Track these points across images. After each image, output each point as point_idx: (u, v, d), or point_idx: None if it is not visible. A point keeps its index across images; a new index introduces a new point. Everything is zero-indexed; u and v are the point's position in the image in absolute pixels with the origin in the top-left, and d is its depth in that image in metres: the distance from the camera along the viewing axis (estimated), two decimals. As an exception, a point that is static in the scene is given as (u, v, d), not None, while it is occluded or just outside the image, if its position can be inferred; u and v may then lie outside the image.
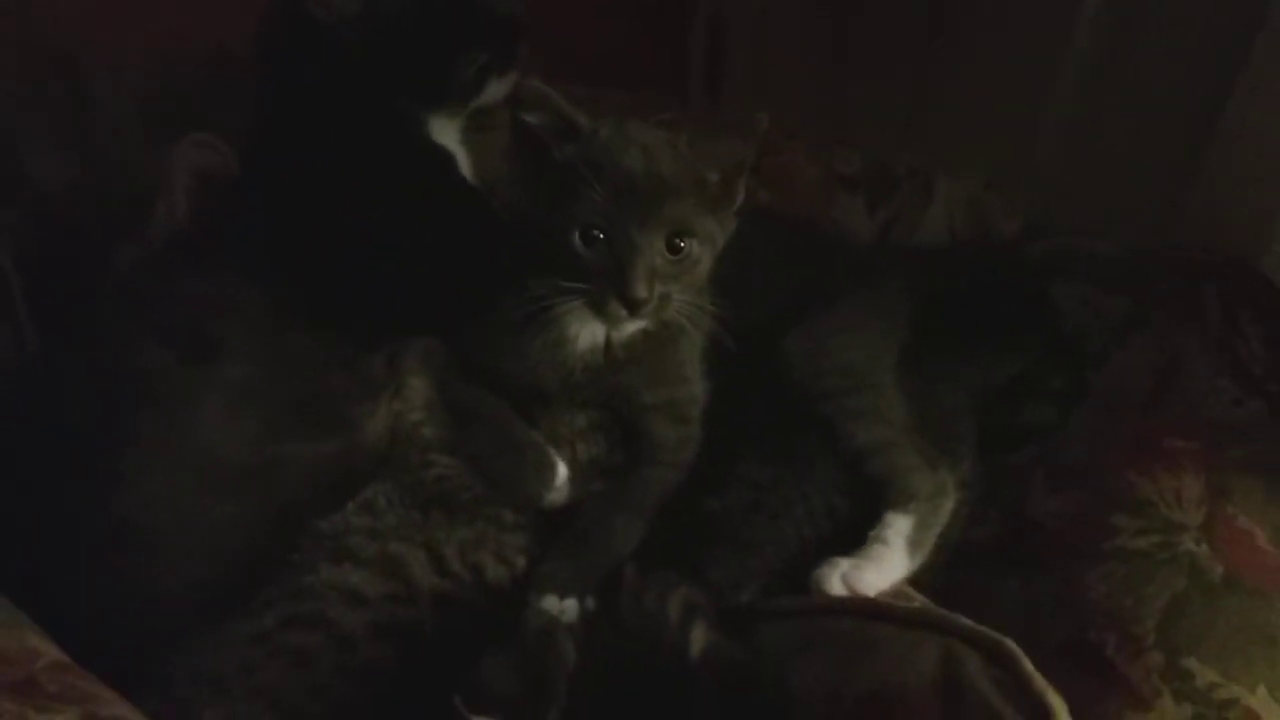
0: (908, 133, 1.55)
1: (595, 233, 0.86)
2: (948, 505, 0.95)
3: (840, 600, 0.85)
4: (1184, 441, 0.99)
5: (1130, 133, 1.30)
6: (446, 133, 1.09)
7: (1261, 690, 0.84)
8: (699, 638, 0.80)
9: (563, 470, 0.93)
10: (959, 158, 1.32)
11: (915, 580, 0.93)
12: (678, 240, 0.87)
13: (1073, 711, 0.82)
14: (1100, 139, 1.33)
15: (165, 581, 0.85)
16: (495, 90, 1.08)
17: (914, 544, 0.92)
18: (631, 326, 0.93)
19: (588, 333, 0.95)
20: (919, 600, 0.89)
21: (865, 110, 1.59)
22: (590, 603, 0.85)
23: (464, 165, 1.10)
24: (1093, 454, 1.01)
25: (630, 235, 0.86)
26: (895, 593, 0.89)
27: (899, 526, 0.92)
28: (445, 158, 1.07)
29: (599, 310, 0.87)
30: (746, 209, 0.99)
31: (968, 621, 0.78)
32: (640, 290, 0.84)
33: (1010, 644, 0.74)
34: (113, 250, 1.14)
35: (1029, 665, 0.73)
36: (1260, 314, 1.09)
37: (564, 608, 0.84)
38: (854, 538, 0.93)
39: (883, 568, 0.90)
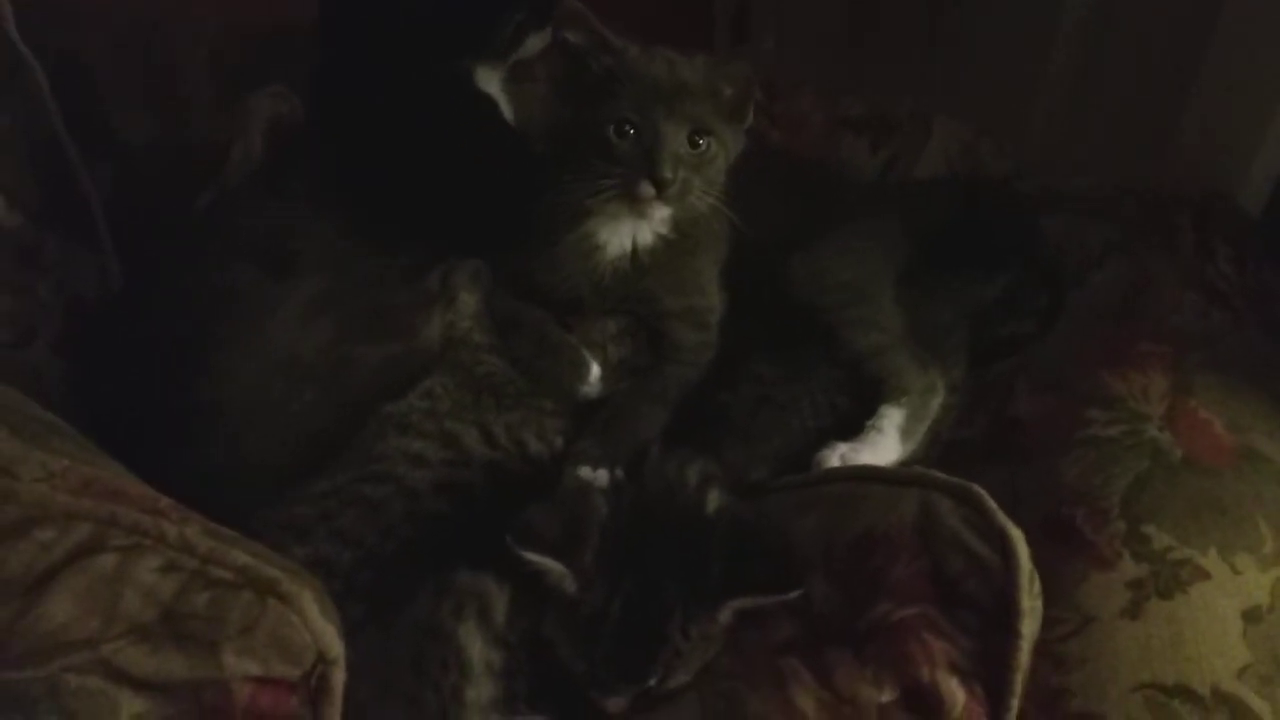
0: (918, 90, 1.65)
1: (627, 126, 0.99)
2: (936, 401, 1.07)
3: (837, 469, 0.97)
4: (1153, 345, 1.09)
5: (1121, 83, 1.41)
6: (490, 81, 1.22)
7: (1212, 552, 0.94)
8: (713, 499, 0.92)
9: (596, 369, 1.05)
10: (966, 107, 1.44)
11: (910, 466, 1.05)
12: (697, 137, 1.00)
13: (1045, 570, 0.93)
14: (1095, 89, 1.44)
15: (253, 456, 0.98)
16: (532, 44, 1.21)
17: (905, 433, 1.03)
18: (657, 214, 1.04)
19: (616, 240, 1.07)
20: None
21: (880, 75, 1.71)
22: (619, 473, 0.97)
23: (505, 109, 1.23)
24: (1070, 360, 1.11)
25: (657, 126, 0.98)
26: (890, 475, 1.01)
27: (893, 417, 1.04)
28: (488, 102, 1.20)
29: (630, 192, 0.99)
30: (760, 147, 1.12)
31: (941, 475, 0.89)
32: (666, 171, 0.97)
33: (977, 488, 0.85)
34: (191, 199, 1.28)
35: (992, 504, 0.84)
36: (1230, 238, 1.19)
37: (597, 476, 0.96)
38: (854, 430, 1.05)
39: (877, 451, 1.01)
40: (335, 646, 0.69)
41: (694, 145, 1.00)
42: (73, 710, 0.64)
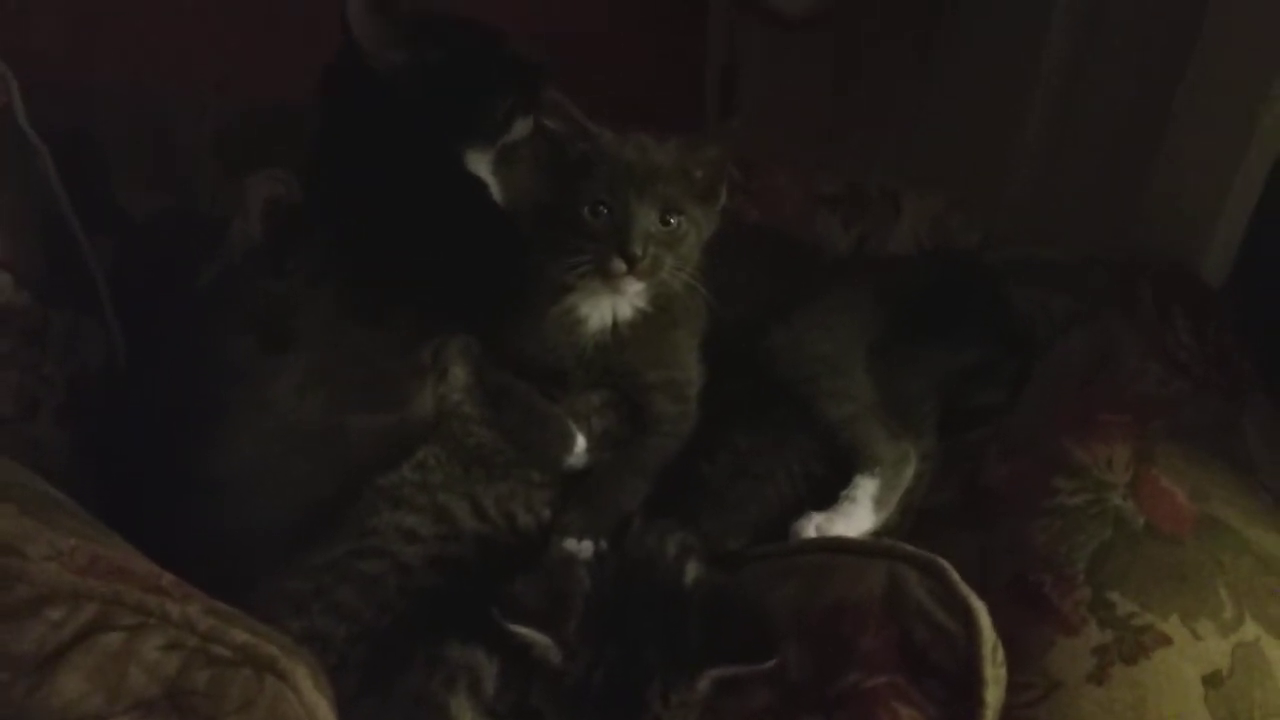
0: (898, 159, 1.72)
1: (601, 206, 1.05)
2: (909, 471, 1.11)
3: (810, 540, 1.01)
4: (1115, 415, 1.13)
5: (1092, 153, 1.47)
6: (480, 164, 1.26)
7: (1174, 618, 0.97)
8: (691, 570, 0.96)
9: (581, 440, 1.09)
10: (943, 177, 1.50)
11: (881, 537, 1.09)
12: (668, 216, 1.06)
13: (1013, 636, 0.96)
14: (1064, 160, 1.50)
15: (253, 526, 1.02)
16: (520, 128, 1.26)
17: (879, 502, 1.07)
18: (631, 288, 1.09)
19: (597, 314, 1.12)
20: (882, 543, 1.05)
21: (861, 142, 1.77)
22: (603, 544, 1.01)
23: (494, 191, 1.28)
24: (1036, 428, 1.15)
25: (629, 206, 1.04)
26: (862, 543, 1.05)
27: (866, 487, 1.08)
28: (478, 185, 1.25)
29: (603, 268, 1.04)
30: (738, 223, 1.17)
31: (908, 547, 0.93)
32: (636, 247, 1.03)
33: (941, 561, 0.89)
34: (196, 268, 1.33)
35: (955, 576, 0.88)
36: (1189, 309, 1.24)
37: (581, 548, 1.00)
38: (829, 499, 1.09)
39: (851, 521, 1.05)
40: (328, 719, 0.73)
41: (665, 224, 1.06)
42: (81, 784, 0.68)
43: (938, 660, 0.85)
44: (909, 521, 1.13)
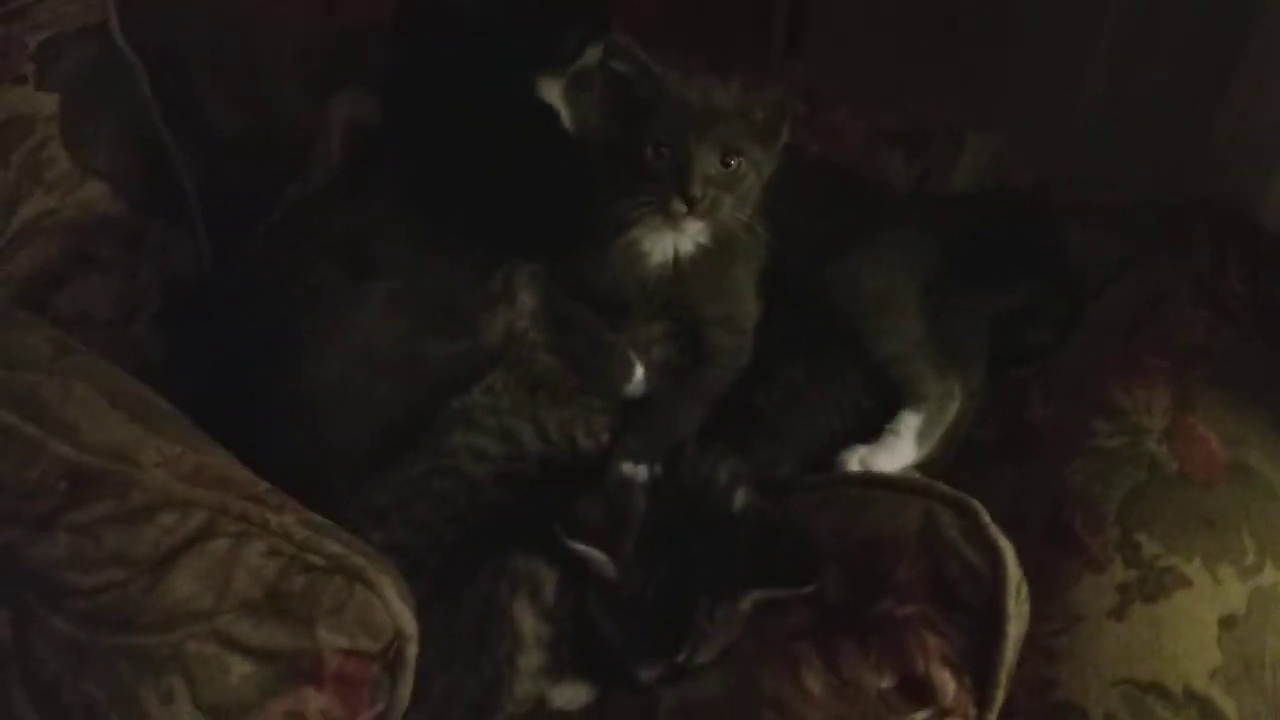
0: (963, 93, 1.72)
1: (662, 148, 1.09)
2: (954, 407, 1.15)
3: (853, 473, 1.08)
4: (1159, 360, 1.15)
5: (1155, 94, 1.47)
6: (551, 92, 1.30)
7: (1196, 561, 1.01)
8: (741, 497, 1.02)
9: (640, 369, 1.15)
10: (1008, 114, 1.51)
11: (925, 469, 1.13)
12: (728, 158, 1.09)
13: (1043, 569, 1.02)
14: (1129, 100, 1.51)
15: (337, 442, 1.10)
16: (591, 55, 1.30)
17: (922, 437, 1.13)
18: (691, 227, 1.13)
19: (659, 249, 1.16)
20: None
21: (929, 80, 1.77)
22: (658, 469, 1.07)
23: (565, 118, 1.32)
24: (1082, 371, 1.18)
25: (689, 148, 1.08)
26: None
27: (910, 422, 1.13)
28: (549, 112, 1.30)
29: (665, 208, 1.09)
30: (799, 157, 1.20)
31: (944, 487, 0.99)
32: (695, 189, 1.06)
33: (975, 503, 0.95)
34: (280, 189, 1.40)
35: (987, 518, 0.93)
36: (1244, 254, 1.25)
37: (638, 471, 1.07)
38: (876, 430, 1.14)
39: (894, 454, 1.11)
40: (410, 625, 0.81)
41: (725, 165, 1.09)
42: (192, 670, 0.77)
43: (966, 595, 0.91)
44: (952, 454, 1.18)
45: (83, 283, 1.28)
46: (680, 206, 1.08)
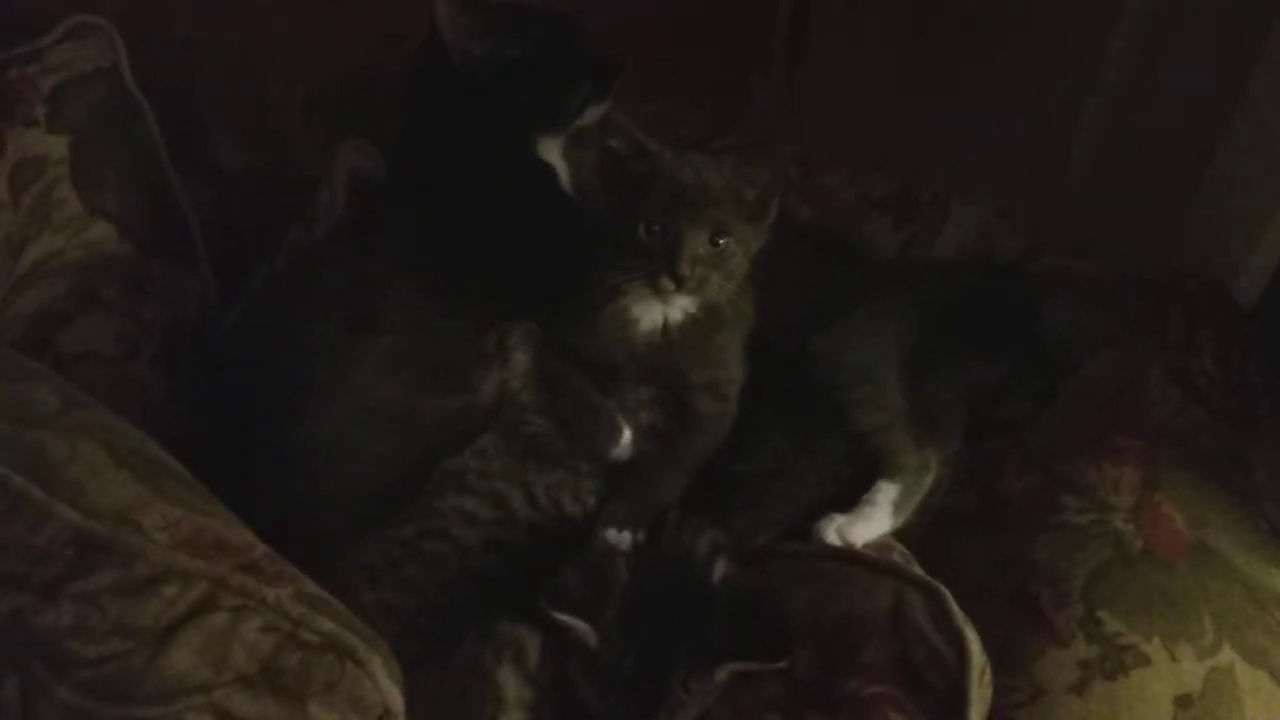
0: (954, 144, 1.76)
1: (655, 226, 1.13)
2: (929, 478, 1.19)
3: (830, 547, 1.11)
4: (1130, 439, 1.20)
5: (1140, 166, 1.51)
6: (551, 151, 1.34)
7: (1156, 640, 1.05)
8: (720, 568, 1.07)
9: (627, 433, 1.19)
10: (994, 178, 1.55)
11: (900, 536, 1.17)
12: (718, 237, 1.13)
13: (1009, 640, 1.08)
14: (1114, 171, 1.54)
15: (333, 497, 1.14)
16: (592, 114, 1.33)
17: (898, 507, 1.16)
18: (679, 301, 1.17)
19: (649, 317, 1.20)
20: (898, 551, 1.14)
21: (918, 138, 1.81)
22: (641, 536, 1.11)
23: (563, 176, 1.35)
24: (1055, 446, 1.22)
25: (680, 228, 1.12)
26: (880, 544, 1.14)
27: (887, 492, 1.16)
28: (548, 171, 1.33)
29: (653, 284, 1.13)
30: (789, 223, 1.24)
31: (915, 571, 1.03)
32: (684, 269, 1.11)
33: (943, 590, 0.99)
34: (283, 228, 1.43)
35: (954, 606, 0.97)
36: (1217, 334, 1.29)
37: (621, 538, 1.11)
38: (853, 498, 1.18)
39: (870, 524, 1.14)
40: (397, 703, 0.85)
41: (714, 245, 1.13)
42: (190, 742, 0.81)
43: (931, 679, 0.95)
44: (926, 521, 1.22)
45: (88, 321, 1.32)
46: (669, 284, 1.12)
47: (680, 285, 1.11)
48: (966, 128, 1.76)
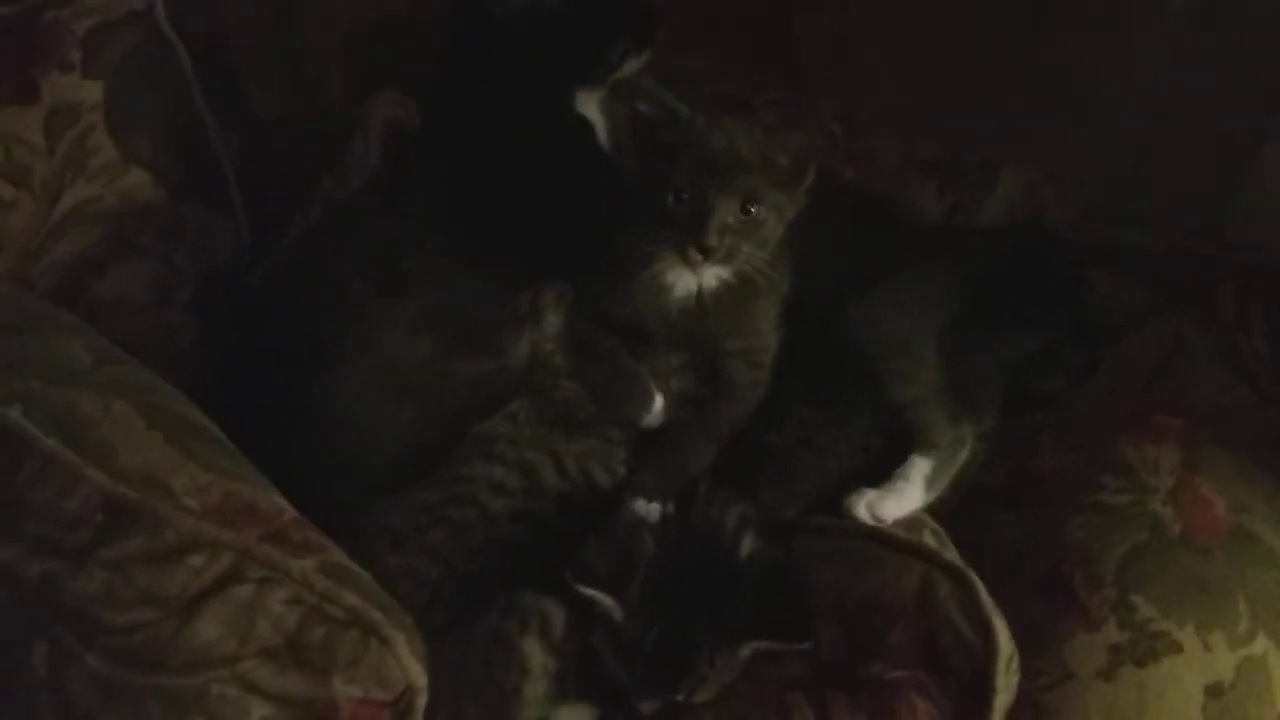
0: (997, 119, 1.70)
1: (684, 195, 1.10)
2: (964, 453, 1.17)
3: (859, 525, 1.10)
4: (1171, 418, 1.17)
5: (1195, 135, 1.46)
6: (589, 104, 1.31)
7: (1189, 628, 1.04)
8: (747, 544, 1.06)
9: (659, 399, 1.17)
10: (1042, 144, 1.50)
11: (931, 510, 1.16)
12: (749, 205, 1.10)
13: (1038, 622, 1.06)
14: (1169, 137, 1.49)
15: (359, 459, 1.13)
16: (632, 65, 1.30)
17: (930, 483, 1.14)
18: (708, 270, 1.15)
19: (682, 282, 1.17)
20: (929, 528, 1.13)
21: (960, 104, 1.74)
22: (670, 507, 1.10)
23: (600, 131, 1.32)
24: (1094, 422, 1.20)
25: (709, 199, 1.08)
26: (911, 521, 1.13)
27: (920, 467, 1.14)
28: (585, 126, 1.31)
29: (681, 254, 1.10)
30: (829, 183, 1.21)
31: (945, 555, 1.02)
32: (711, 240, 1.08)
33: (972, 575, 0.98)
34: (316, 178, 1.42)
35: (984, 593, 0.96)
36: (1270, 311, 1.26)
37: (650, 509, 1.10)
38: (884, 471, 1.16)
39: (901, 499, 1.12)
40: (420, 678, 0.86)
41: (745, 213, 1.10)
42: (215, 712, 0.81)
43: (956, 664, 0.94)
44: (958, 496, 1.20)
45: (123, 269, 1.32)
46: (696, 255, 1.09)
47: (708, 256, 1.09)
48: (1018, 81, 1.70)
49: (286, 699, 0.83)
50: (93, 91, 1.31)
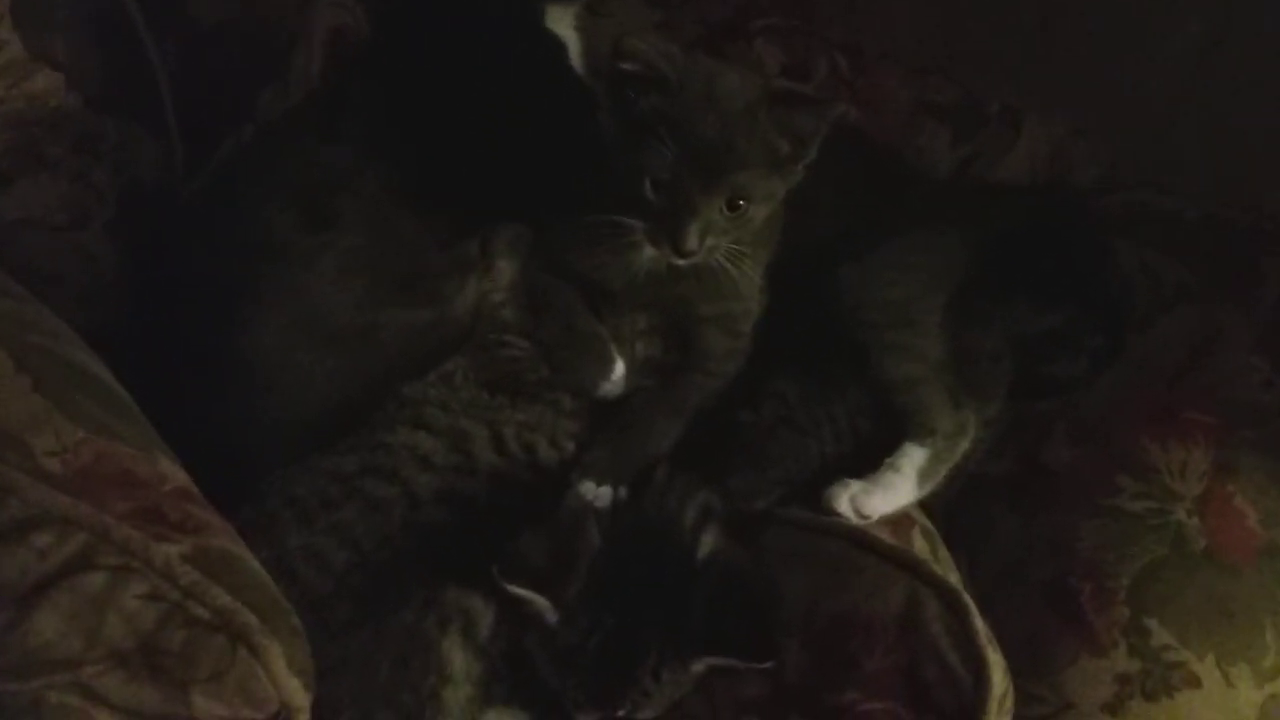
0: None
1: (663, 186, 0.95)
2: (964, 442, 1.04)
3: (838, 524, 0.96)
4: (1202, 415, 1.05)
5: (1240, 89, 1.30)
6: (561, 20, 1.16)
7: (1210, 659, 0.94)
8: (708, 542, 0.92)
9: (620, 366, 1.04)
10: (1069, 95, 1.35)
11: (923, 504, 1.04)
12: (737, 200, 0.95)
13: (1038, 639, 0.96)
14: (1210, 91, 1.34)
15: (271, 416, 1.00)
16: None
17: (925, 475, 1.01)
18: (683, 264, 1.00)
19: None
20: (920, 527, 1.00)
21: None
22: (623, 492, 0.97)
23: (574, 51, 1.17)
24: (1114, 414, 1.08)
25: (692, 195, 0.94)
26: (900, 517, 1.00)
27: (914, 457, 1.01)
28: (556, 47, 1.15)
29: (655, 245, 0.97)
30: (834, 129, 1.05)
31: (936, 570, 0.88)
32: (690, 243, 0.94)
33: (966, 598, 0.85)
34: (256, 92, 1.27)
35: (978, 621, 0.84)
36: (1318, 295, 1.13)
37: (599, 494, 0.96)
38: (873, 458, 1.03)
39: (890, 494, 0.99)
40: (299, 696, 0.72)
41: (732, 209, 0.96)
42: (50, 725, 0.68)
43: (940, 701, 0.83)
44: (956, 488, 1.07)
45: (30, 184, 1.18)
46: (670, 254, 0.96)
47: (685, 259, 0.95)
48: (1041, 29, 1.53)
49: (136, 713, 0.69)
50: (-2, -23, 1.15)
